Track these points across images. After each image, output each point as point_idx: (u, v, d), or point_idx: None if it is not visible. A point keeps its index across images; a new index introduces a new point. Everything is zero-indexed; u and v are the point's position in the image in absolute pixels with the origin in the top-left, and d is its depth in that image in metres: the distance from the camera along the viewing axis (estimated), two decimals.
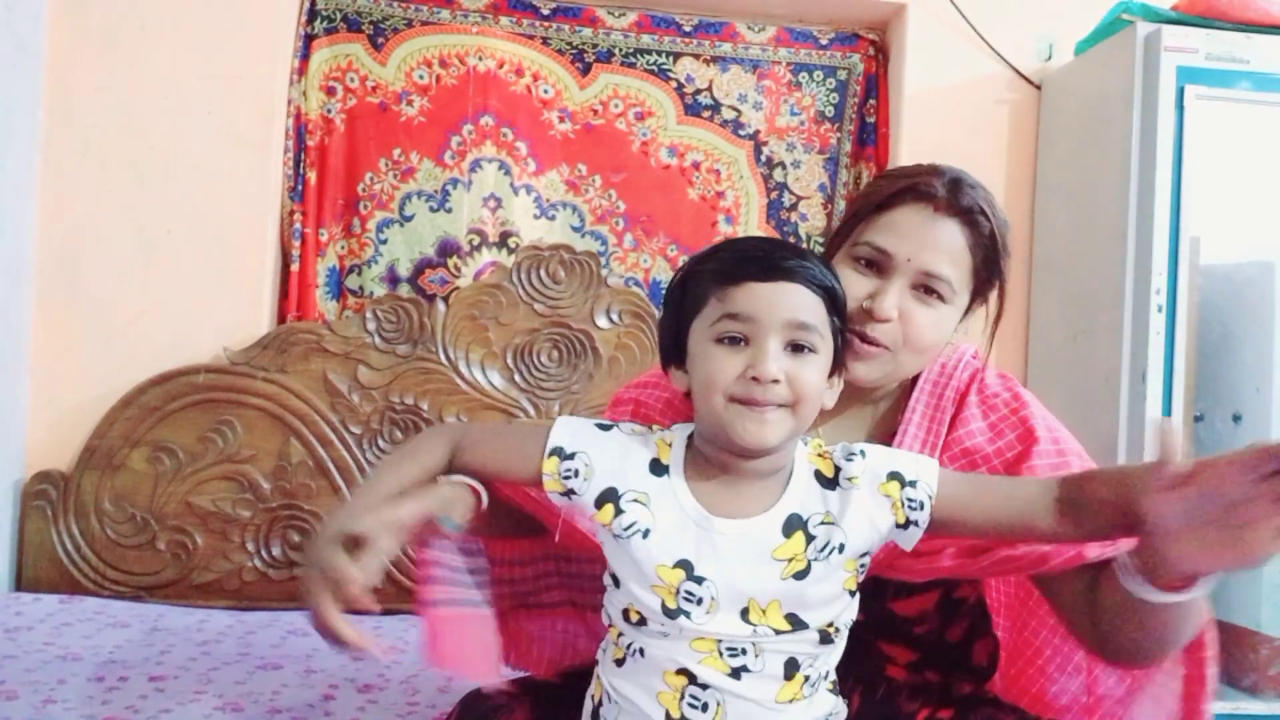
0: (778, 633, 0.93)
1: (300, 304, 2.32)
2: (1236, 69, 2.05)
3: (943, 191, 1.08)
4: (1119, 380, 2.07)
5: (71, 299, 2.16)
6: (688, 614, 0.92)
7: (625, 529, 0.95)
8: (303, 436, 2.14)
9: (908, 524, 0.96)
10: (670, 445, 1.00)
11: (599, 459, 0.99)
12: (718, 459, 0.97)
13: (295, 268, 2.33)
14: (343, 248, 2.38)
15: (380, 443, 2.17)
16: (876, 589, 1.09)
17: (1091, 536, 0.96)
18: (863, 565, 0.97)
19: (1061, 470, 1.04)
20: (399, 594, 2.15)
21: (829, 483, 0.97)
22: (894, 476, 0.96)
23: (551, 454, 0.99)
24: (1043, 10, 2.45)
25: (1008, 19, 2.44)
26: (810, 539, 0.94)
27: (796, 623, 0.93)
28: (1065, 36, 2.41)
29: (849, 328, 1.04)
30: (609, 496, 0.97)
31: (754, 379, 0.92)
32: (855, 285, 1.08)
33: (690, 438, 1.01)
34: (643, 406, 1.21)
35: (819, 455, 1.00)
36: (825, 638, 0.96)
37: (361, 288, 2.38)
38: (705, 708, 0.93)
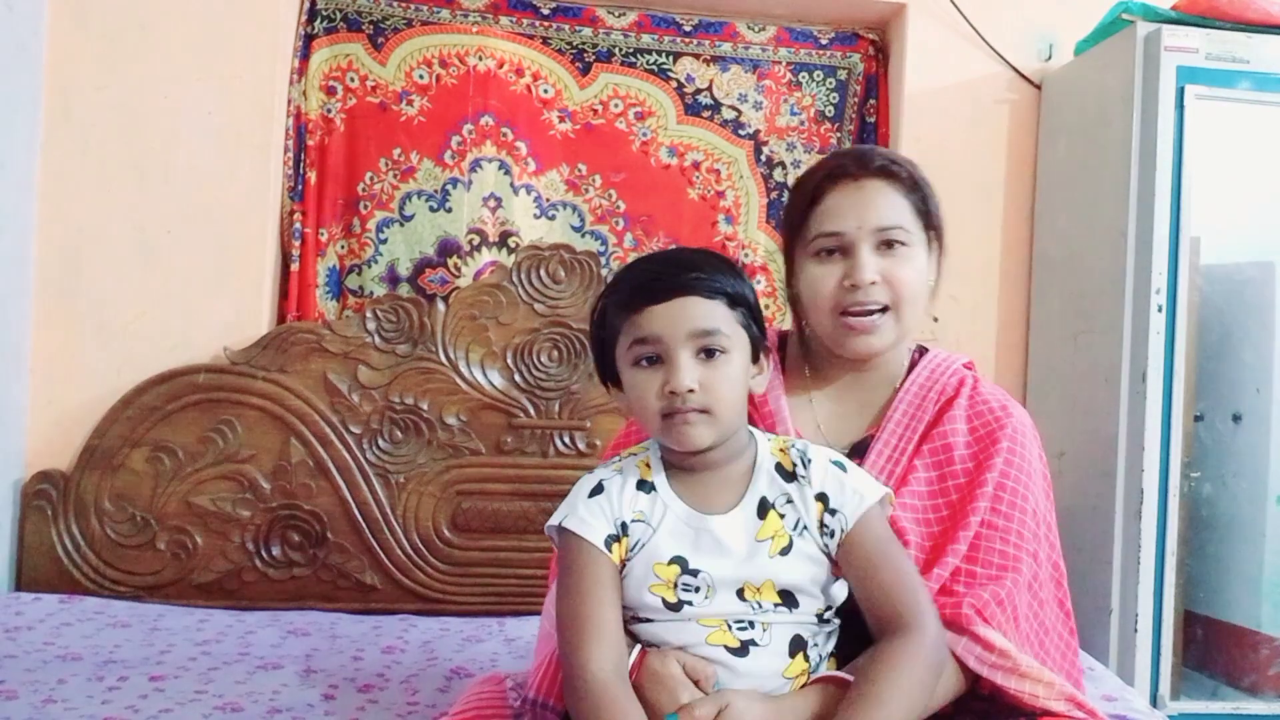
0: (775, 605, 1.02)
1: (300, 304, 2.32)
2: (1236, 69, 2.05)
3: (853, 164, 1.19)
4: (1119, 380, 2.07)
5: (71, 299, 2.16)
6: (689, 603, 1.03)
7: (633, 546, 1.05)
8: (303, 436, 2.14)
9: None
10: (649, 465, 1.10)
11: (608, 513, 1.07)
12: (684, 460, 1.07)
13: (295, 267, 2.33)
14: (343, 247, 2.38)
15: (380, 443, 2.16)
16: None
17: None
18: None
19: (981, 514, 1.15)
20: (400, 595, 2.16)
21: (788, 476, 1.08)
22: (820, 498, 1.06)
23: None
24: (1043, 10, 2.45)
25: (1008, 19, 2.44)
26: (782, 516, 1.05)
27: (790, 599, 1.03)
28: (1065, 36, 2.41)
29: (846, 314, 1.15)
30: (623, 530, 1.06)
31: (671, 393, 1.01)
32: (826, 275, 1.17)
33: (659, 446, 1.11)
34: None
35: (780, 450, 1.09)
36: (821, 618, 1.05)
37: (361, 288, 2.38)
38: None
